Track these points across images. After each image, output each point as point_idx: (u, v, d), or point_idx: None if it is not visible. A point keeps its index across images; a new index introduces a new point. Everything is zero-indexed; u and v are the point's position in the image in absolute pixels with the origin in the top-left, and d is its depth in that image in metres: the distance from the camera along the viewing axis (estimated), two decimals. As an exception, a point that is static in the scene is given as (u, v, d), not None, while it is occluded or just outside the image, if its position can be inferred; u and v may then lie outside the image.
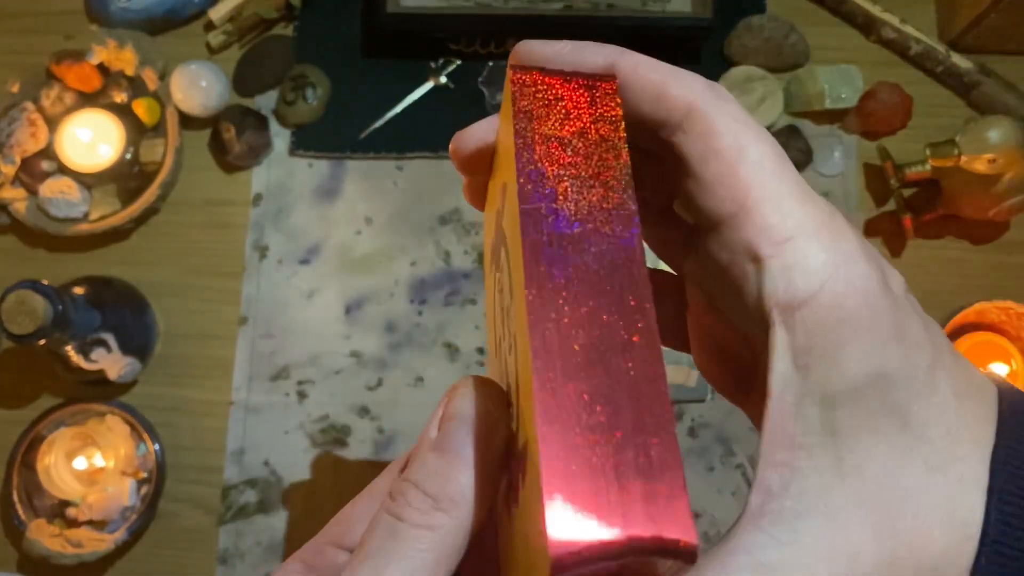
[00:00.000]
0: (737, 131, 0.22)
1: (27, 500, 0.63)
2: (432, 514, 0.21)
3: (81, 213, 0.68)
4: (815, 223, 0.21)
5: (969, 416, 0.21)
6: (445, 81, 0.71)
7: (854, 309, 0.20)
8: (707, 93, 0.22)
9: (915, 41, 0.71)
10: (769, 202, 0.21)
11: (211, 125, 0.70)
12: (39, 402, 0.67)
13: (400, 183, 0.70)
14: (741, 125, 0.22)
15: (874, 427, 0.20)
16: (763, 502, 0.20)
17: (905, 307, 0.21)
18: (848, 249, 0.20)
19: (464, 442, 0.22)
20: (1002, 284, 0.68)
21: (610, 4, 0.68)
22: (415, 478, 0.22)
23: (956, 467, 0.20)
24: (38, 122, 0.68)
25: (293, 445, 0.66)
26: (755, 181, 0.21)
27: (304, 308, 0.68)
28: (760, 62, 0.71)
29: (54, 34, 0.74)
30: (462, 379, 0.23)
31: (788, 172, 0.21)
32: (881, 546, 0.20)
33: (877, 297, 0.20)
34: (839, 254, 0.20)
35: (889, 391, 0.20)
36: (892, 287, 0.21)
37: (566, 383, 0.18)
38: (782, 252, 0.20)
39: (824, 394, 0.20)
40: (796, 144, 0.69)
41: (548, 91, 0.23)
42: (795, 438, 0.20)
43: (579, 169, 0.22)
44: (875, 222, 0.69)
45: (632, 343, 0.19)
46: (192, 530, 0.65)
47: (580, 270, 0.20)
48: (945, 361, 0.21)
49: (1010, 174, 0.61)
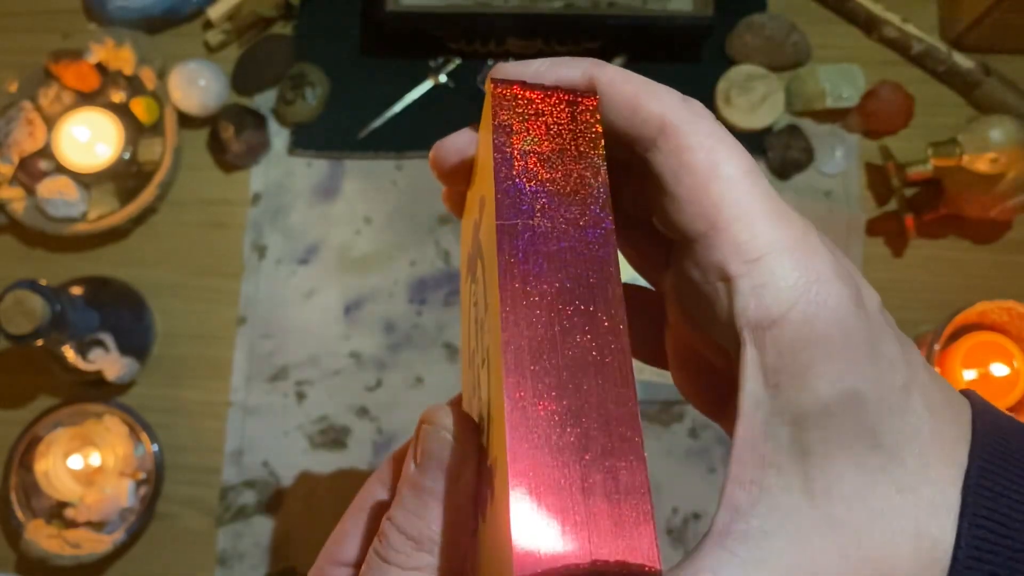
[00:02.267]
0: (710, 147, 0.21)
1: (25, 501, 0.63)
2: (415, 555, 0.22)
3: (79, 213, 0.68)
4: (787, 241, 0.20)
5: (943, 436, 0.20)
6: (445, 80, 0.71)
7: (825, 329, 0.20)
8: (681, 108, 0.22)
9: (917, 40, 0.70)
10: (740, 220, 0.21)
11: (210, 124, 0.70)
12: (37, 403, 0.67)
13: (399, 183, 0.70)
14: (714, 141, 0.21)
15: (845, 447, 0.20)
16: (730, 520, 0.20)
17: (879, 325, 0.20)
18: (820, 267, 0.20)
19: (438, 479, 0.22)
20: (1004, 284, 0.68)
21: (610, 2, 0.68)
22: (397, 520, 0.22)
23: (927, 489, 0.20)
24: (36, 121, 0.68)
25: (292, 446, 0.66)
26: (726, 198, 0.21)
27: (303, 308, 0.68)
28: (761, 61, 0.70)
29: (52, 33, 0.73)
30: (436, 409, 0.23)
31: (760, 188, 0.21)
32: (846, 567, 0.19)
33: (849, 316, 0.20)
34: (810, 273, 0.20)
35: (861, 411, 0.20)
36: (866, 305, 0.21)
37: (537, 402, 0.18)
38: (752, 271, 0.20)
39: (795, 414, 0.20)
40: (797, 143, 0.68)
41: (528, 106, 0.23)
42: (765, 457, 0.20)
43: (557, 186, 0.21)
44: (877, 222, 0.69)
45: (605, 363, 0.19)
46: (191, 531, 0.65)
47: (555, 289, 0.20)
48: (920, 380, 0.21)
49: (1012, 173, 0.61)
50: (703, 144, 0.21)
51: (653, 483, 0.65)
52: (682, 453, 0.65)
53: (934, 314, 0.66)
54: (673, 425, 0.65)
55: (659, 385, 0.65)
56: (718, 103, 0.70)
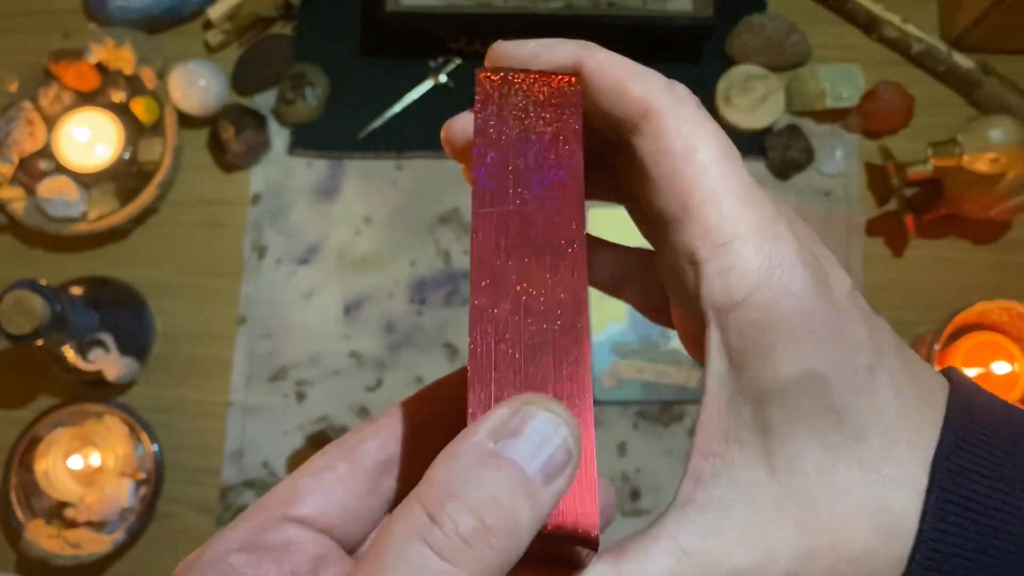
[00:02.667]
0: (688, 132, 0.22)
1: (25, 501, 0.63)
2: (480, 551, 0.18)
3: (79, 213, 0.68)
4: (754, 227, 0.21)
5: (912, 416, 0.21)
6: (445, 80, 0.71)
7: (787, 312, 0.20)
8: (664, 93, 0.23)
9: (917, 40, 0.70)
10: (710, 204, 0.21)
11: (210, 124, 0.70)
12: (37, 403, 0.67)
13: (400, 182, 0.70)
14: (693, 126, 0.22)
15: (806, 425, 0.21)
16: (693, 490, 0.21)
17: (845, 309, 0.21)
18: (785, 253, 0.21)
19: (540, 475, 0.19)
20: (1004, 284, 0.68)
21: (611, 3, 0.68)
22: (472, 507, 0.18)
23: (890, 467, 0.21)
24: (36, 121, 0.68)
25: (292, 446, 0.66)
26: (699, 183, 0.21)
27: (303, 308, 0.68)
28: (761, 61, 0.70)
29: (52, 33, 0.73)
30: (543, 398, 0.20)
31: (734, 174, 0.21)
32: (802, 539, 0.20)
33: (811, 300, 0.21)
34: (774, 258, 0.21)
35: (823, 391, 0.21)
36: (833, 289, 0.21)
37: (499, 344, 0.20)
38: (719, 255, 0.21)
39: (757, 392, 0.21)
40: (797, 143, 0.68)
41: (510, 93, 0.24)
42: (729, 432, 0.21)
43: (532, 172, 0.22)
44: (877, 222, 0.69)
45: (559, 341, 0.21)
46: (191, 531, 0.65)
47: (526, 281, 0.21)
48: (888, 362, 0.21)
49: (1012, 173, 0.61)
50: (681, 129, 0.22)
51: (653, 483, 0.65)
52: (682, 453, 0.65)
53: (934, 314, 0.66)
54: (673, 425, 0.65)
55: (659, 385, 0.66)
56: (718, 103, 0.70)
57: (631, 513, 0.64)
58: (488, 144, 0.23)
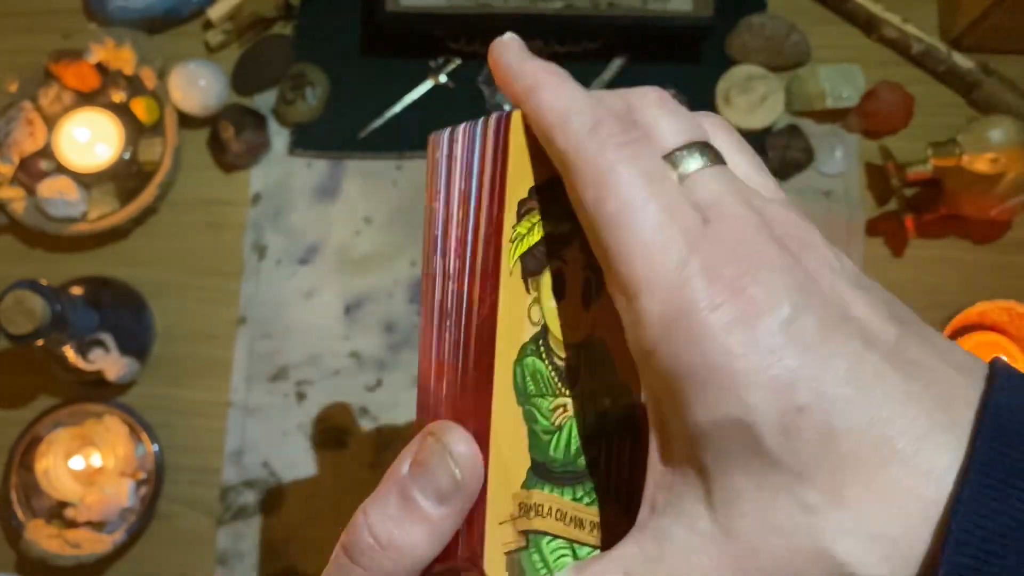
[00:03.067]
0: (600, 183, 0.22)
1: (25, 501, 0.63)
2: (378, 559, 0.23)
3: (79, 213, 0.68)
4: (657, 277, 0.21)
5: (867, 457, 0.19)
6: (445, 80, 0.71)
7: (694, 361, 0.20)
8: (586, 141, 0.22)
9: (917, 40, 0.71)
10: (618, 257, 0.21)
11: (210, 124, 0.70)
12: (37, 403, 0.67)
13: (400, 183, 0.70)
14: (607, 174, 0.22)
15: (740, 466, 0.20)
16: (648, 516, 0.22)
17: (772, 345, 0.19)
18: (688, 299, 0.20)
19: (429, 498, 0.24)
20: (1004, 284, 0.68)
21: (610, 3, 0.68)
22: (371, 519, 0.24)
23: (836, 513, 0.19)
24: (36, 121, 0.68)
25: (292, 446, 0.66)
26: (610, 236, 0.21)
27: (303, 308, 0.68)
28: (761, 61, 0.70)
29: (52, 33, 0.74)
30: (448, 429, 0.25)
31: (643, 219, 0.21)
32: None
33: (719, 348, 0.20)
34: (677, 308, 0.20)
35: (749, 435, 0.20)
36: (757, 324, 0.19)
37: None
38: (630, 307, 0.21)
39: (685, 434, 0.21)
40: (797, 143, 0.68)
41: (455, 149, 0.25)
42: (675, 465, 0.21)
43: (466, 230, 0.24)
44: (876, 222, 0.69)
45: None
46: (191, 531, 0.65)
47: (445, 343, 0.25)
48: (842, 391, 0.19)
49: (1012, 174, 0.61)
50: (595, 180, 0.22)
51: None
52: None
53: (934, 314, 0.66)
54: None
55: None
56: (718, 103, 0.70)
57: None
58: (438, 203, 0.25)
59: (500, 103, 0.68)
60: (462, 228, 0.24)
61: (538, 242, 0.25)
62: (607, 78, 0.70)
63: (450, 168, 0.25)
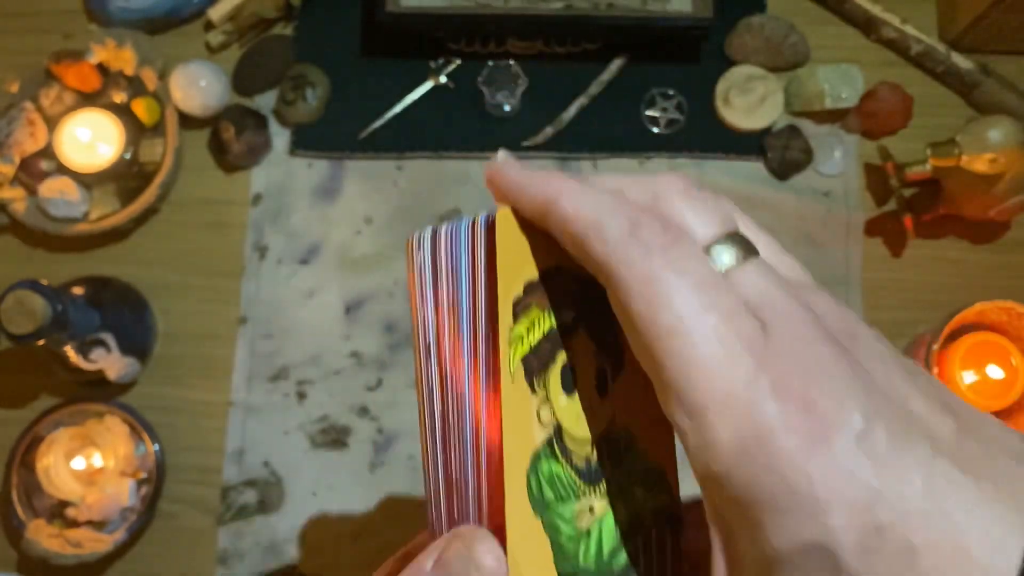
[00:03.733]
0: (651, 295, 0.20)
1: (26, 500, 0.63)
2: None
3: (80, 213, 0.68)
4: (725, 394, 0.19)
5: (939, 567, 0.18)
6: (445, 81, 0.71)
7: (769, 488, 0.19)
8: (628, 248, 0.21)
9: (916, 41, 0.71)
10: (677, 372, 0.20)
11: (210, 125, 0.70)
12: (38, 402, 0.67)
13: (400, 183, 0.70)
14: (659, 284, 0.20)
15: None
16: None
17: (849, 461, 0.19)
18: (762, 422, 0.19)
19: None
20: (1003, 284, 0.68)
21: (610, 4, 0.68)
22: None
23: None
24: (37, 122, 0.68)
25: (293, 445, 0.66)
26: (665, 349, 0.20)
27: (304, 308, 0.68)
28: (760, 61, 0.71)
29: (53, 33, 0.74)
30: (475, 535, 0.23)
31: (703, 331, 0.20)
32: None
33: (797, 471, 0.19)
34: (749, 430, 0.19)
35: (829, 558, 0.19)
36: (833, 440, 0.19)
37: None
38: (694, 428, 0.20)
39: (760, 559, 0.20)
40: (796, 144, 0.69)
41: (439, 253, 0.23)
42: None
43: (459, 339, 0.23)
44: (876, 222, 0.69)
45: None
46: (191, 530, 0.65)
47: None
48: (914, 504, 0.19)
49: (1011, 174, 0.61)
50: (643, 292, 0.20)
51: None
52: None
53: (933, 314, 0.66)
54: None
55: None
56: (717, 103, 0.70)
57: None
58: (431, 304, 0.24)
59: (500, 103, 0.68)
60: (454, 337, 0.23)
61: (541, 339, 0.23)
62: (607, 79, 0.70)
63: (435, 273, 0.23)
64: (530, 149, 0.69)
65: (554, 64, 0.71)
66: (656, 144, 0.70)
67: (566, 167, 0.70)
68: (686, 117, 0.70)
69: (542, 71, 0.70)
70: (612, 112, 0.70)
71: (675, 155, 0.69)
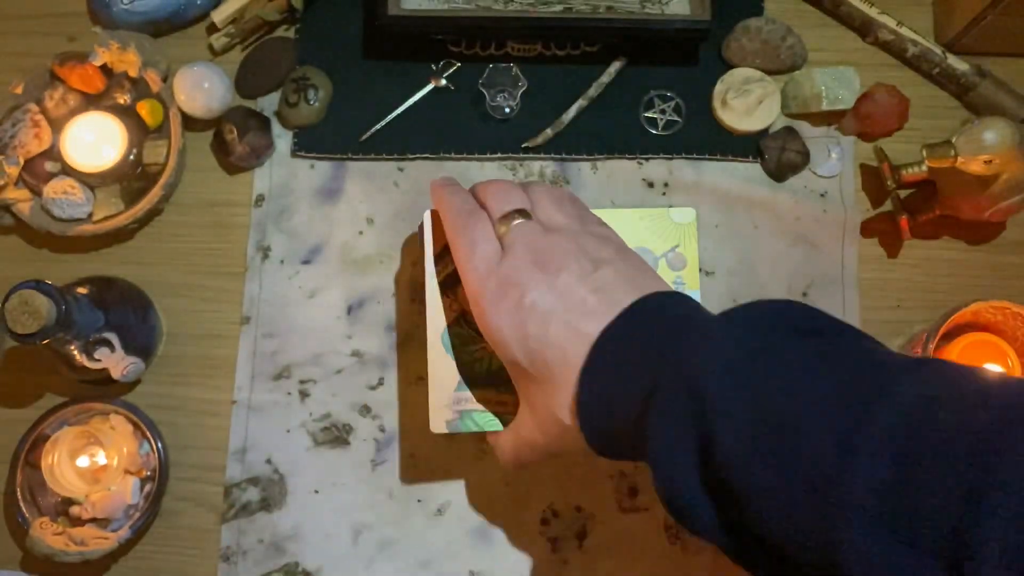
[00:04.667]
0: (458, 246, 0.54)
1: (31, 498, 0.64)
2: None
3: (84, 214, 0.68)
4: (478, 288, 0.52)
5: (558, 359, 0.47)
6: (446, 83, 0.71)
7: (491, 336, 0.51)
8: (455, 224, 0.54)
9: (912, 43, 0.71)
10: (467, 278, 0.54)
11: (214, 126, 0.71)
12: (43, 401, 0.68)
13: (401, 184, 0.70)
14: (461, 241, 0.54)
15: (525, 379, 0.49)
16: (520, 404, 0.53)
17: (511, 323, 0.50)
18: (486, 301, 0.55)
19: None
20: (998, 284, 0.69)
21: (609, 6, 0.69)
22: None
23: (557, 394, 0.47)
24: (41, 123, 0.69)
25: (295, 444, 0.66)
26: (463, 268, 0.54)
27: (306, 308, 0.69)
28: (758, 64, 0.71)
29: (57, 36, 0.74)
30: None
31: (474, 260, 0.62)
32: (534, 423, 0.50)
33: (495, 327, 0.54)
34: (486, 306, 0.50)
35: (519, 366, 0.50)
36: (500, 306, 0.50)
37: None
38: (475, 312, 0.57)
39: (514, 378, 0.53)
40: (793, 145, 0.69)
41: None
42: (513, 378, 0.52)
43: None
44: (872, 223, 0.70)
45: None
46: (195, 528, 0.66)
47: None
48: None
49: (1006, 175, 0.62)
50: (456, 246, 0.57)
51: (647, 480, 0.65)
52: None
53: (929, 314, 0.66)
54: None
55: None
56: (715, 106, 0.70)
57: (630, 509, 0.65)
58: None
59: (500, 105, 0.69)
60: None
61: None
62: (606, 81, 0.71)
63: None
64: (530, 150, 0.70)
65: (554, 66, 0.72)
66: (654, 145, 0.70)
67: (566, 168, 0.70)
68: (684, 119, 0.71)
69: (542, 73, 0.71)
70: (611, 114, 0.71)
71: (673, 156, 0.70)
